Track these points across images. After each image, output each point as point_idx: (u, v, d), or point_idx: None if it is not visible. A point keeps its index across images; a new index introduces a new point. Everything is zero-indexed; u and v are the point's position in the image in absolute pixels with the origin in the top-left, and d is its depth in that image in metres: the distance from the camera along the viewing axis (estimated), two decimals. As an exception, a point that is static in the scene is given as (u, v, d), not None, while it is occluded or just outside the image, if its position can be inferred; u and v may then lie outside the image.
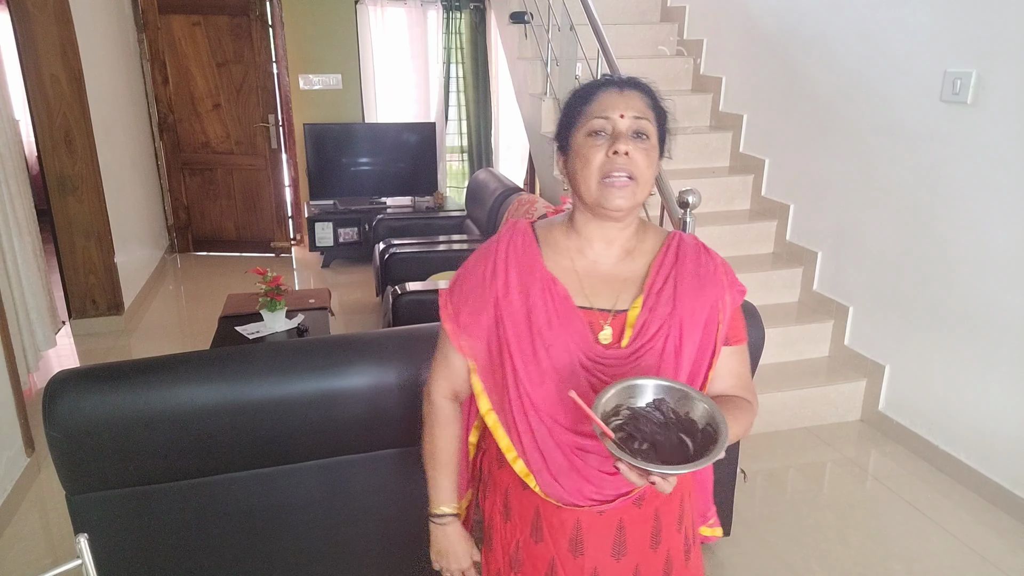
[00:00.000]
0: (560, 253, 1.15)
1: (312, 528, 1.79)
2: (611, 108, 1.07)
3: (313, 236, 5.34)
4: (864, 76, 3.04)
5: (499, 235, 1.18)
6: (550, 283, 1.11)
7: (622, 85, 1.10)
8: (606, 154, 1.05)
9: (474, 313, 1.13)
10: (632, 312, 1.12)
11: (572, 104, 1.12)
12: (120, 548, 1.66)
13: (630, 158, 1.05)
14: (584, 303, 1.12)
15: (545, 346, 1.08)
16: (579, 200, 1.12)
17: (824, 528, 2.45)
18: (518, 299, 1.10)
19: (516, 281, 1.11)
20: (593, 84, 1.12)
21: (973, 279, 2.63)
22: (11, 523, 2.45)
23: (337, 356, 1.68)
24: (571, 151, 1.11)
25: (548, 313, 1.09)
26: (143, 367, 1.59)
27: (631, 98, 1.08)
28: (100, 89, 4.08)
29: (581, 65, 3.65)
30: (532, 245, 1.14)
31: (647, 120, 1.08)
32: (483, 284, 1.13)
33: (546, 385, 1.09)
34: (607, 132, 1.06)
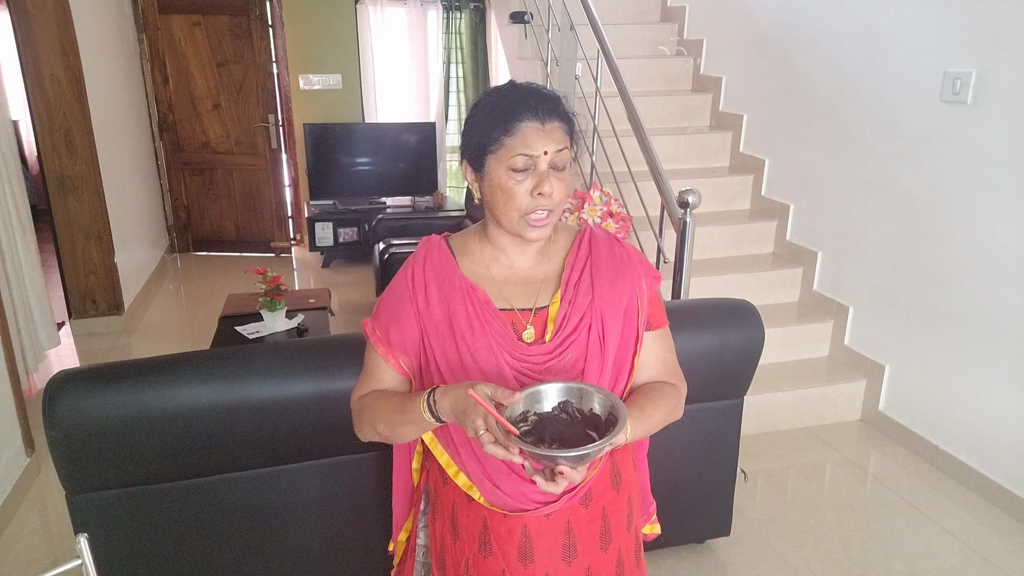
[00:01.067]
0: (476, 262, 1.17)
1: (312, 528, 1.79)
2: (534, 145, 1.05)
3: (313, 236, 5.34)
4: (864, 76, 3.04)
5: (415, 252, 1.19)
6: (469, 290, 1.13)
7: (543, 116, 1.06)
8: (530, 194, 1.07)
9: (401, 330, 1.14)
10: (552, 307, 1.15)
11: (488, 124, 1.08)
12: (120, 548, 1.66)
13: (551, 194, 1.07)
14: (504, 305, 1.14)
15: (470, 352, 1.10)
16: (495, 222, 1.14)
17: (825, 528, 2.45)
18: (439, 309, 1.12)
19: (436, 293, 1.13)
20: (511, 110, 1.07)
21: (973, 279, 2.63)
22: (11, 523, 2.45)
23: (337, 356, 1.68)
24: (487, 176, 1.10)
25: (470, 318, 1.11)
26: (143, 367, 1.59)
27: (553, 131, 1.07)
28: (100, 89, 4.08)
29: (581, 65, 3.65)
30: (448, 256, 1.17)
31: (567, 149, 1.08)
32: (404, 300, 1.15)
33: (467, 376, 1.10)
34: (528, 169, 1.06)
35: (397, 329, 1.15)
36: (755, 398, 2.89)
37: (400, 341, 1.15)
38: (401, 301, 1.15)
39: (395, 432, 1.11)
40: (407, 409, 1.07)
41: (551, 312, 1.15)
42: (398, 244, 4.22)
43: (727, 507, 2.22)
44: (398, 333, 1.15)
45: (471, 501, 1.15)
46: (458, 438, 1.13)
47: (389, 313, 1.16)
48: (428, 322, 1.13)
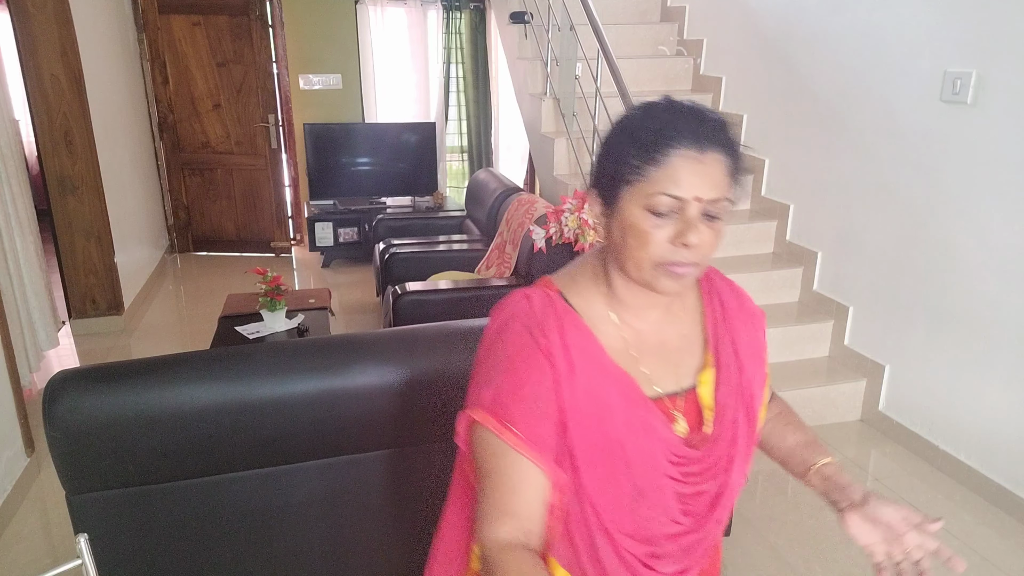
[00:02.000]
0: (608, 332, 0.93)
1: (312, 528, 1.79)
2: (687, 185, 0.82)
3: (313, 236, 5.34)
4: (864, 76, 3.04)
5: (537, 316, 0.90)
6: (623, 380, 0.90)
7: (702, 144, 0.82)
8: (670, 242, 0.84)
9: (553, 425, 0.87)
10: (703, 389, 0.95)
11: (628, 148, 0.85)
12: (120, 548, 1.66)
13: (699, 245, 0.84)
14: (652, 393, 0.92)
15: (625, 460, 0.89)
16: (620, 270, 0.91)
17: (825, 528, 2.45)
18: (588, 404, 0.88)
19: (584, 382, 0.88)
20: (663, 135, 0.83)
21: (973, 279, 2.63)
22: (11, 523, 2.45)
23: (337, 356, 1.68)
24: (617, 213, 0.87)
25: (627, 417, 0.89)
26: (143, 367, 1.59)
27: (712, 167, 0.83)
28: (100, 89, 4.08)
29: (581, 65, 3.65)
30: (587, 332, 0.91)
31: (725, 200, 0.85)
32: (543, 384, 0.87)
33: (620, 502, 0.90)
34: (674, 212, 0.84)
35: (547, 424, 0.87)
36: (755, 398, 2.89)
37: (546, 437, 0.86)
38: (541, 387, 0.87)
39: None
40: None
41: (702, 396, 0.95)
42: (398, 244, 4.22)
43: (727, 507, 2.22)
44: (547, 428, 0.87)
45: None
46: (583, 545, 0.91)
47: (528, 403, 0.86)
48: (573, 417, 0.87)
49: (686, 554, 0.95)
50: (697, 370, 0.96)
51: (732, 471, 0.96)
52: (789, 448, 1.11)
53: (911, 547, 0.92)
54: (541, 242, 2.86)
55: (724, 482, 0.96)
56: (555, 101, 3.90)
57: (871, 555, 0.94)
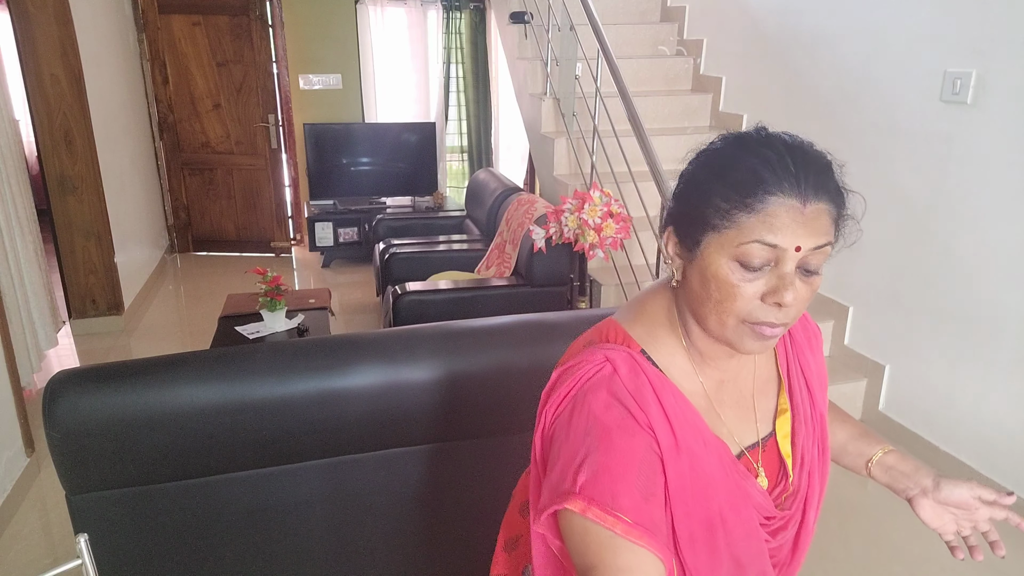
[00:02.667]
0: (693, 391, 0.84)
1: (313, 528, 1.79)
2: (787, 235, 0.72)
3: (313, 236, 5.34)
4: (864, 76, 3.04)
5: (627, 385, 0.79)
6: (722, 451, 0.82)
7: (806, 193, 0.72)
8: (761, 299, 0.75)
9: (659, 505, 0.77)
10: (781, 437, 0.88)
11: (717, 191, 0.75)
12: (120, 548, 1.66)
13: (792, 306, 0.75)
14: (736, 449, 0.85)
15: (727, 535, 0.81)
16: (697, 320, 0.82)
17: (825, 529, 2.45)
18: (691, 479, 0.79)
19: (687, 454, 0.79)
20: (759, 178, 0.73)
21: (974, 279, 2.63)
22: (11, 523, 2.45)
23: (337, 356, 1.68)
24: (699, 259, 0.77)
25: (729, 492, 0.81)
26: (143, 367, 1.59)
27: (817, 218, 0.74)
28: (100, 89, 4.08)
29: (581, 65, 3.65)
30: (684, 400, 0.81)
31: (829, 246, 0.76)
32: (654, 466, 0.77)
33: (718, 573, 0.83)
34: (768, 263, 0.74)
35: (657, 505, 0.76)
36: (755, 398, 2.89)
37: (660, 518, 0.76)
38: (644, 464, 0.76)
39: None
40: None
41: (781, 446, 0.87)
42: (398, 244, 4.22)
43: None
44: (658, 510, 0.76)
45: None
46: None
47: (635, 484, 0.75)
48: (676, 493, 0.78)
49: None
50: (773, 415, 0.88)
51: (809, 510, 0.89)
52: (841, 444, 1.03)
53: (981, 521, 0.90)
54: (541, 242, 2.86)
55: (802, 523, 0.90)
56: (555, 101, 3.90)
57: (942, 535, 0.93)
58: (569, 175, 3.87)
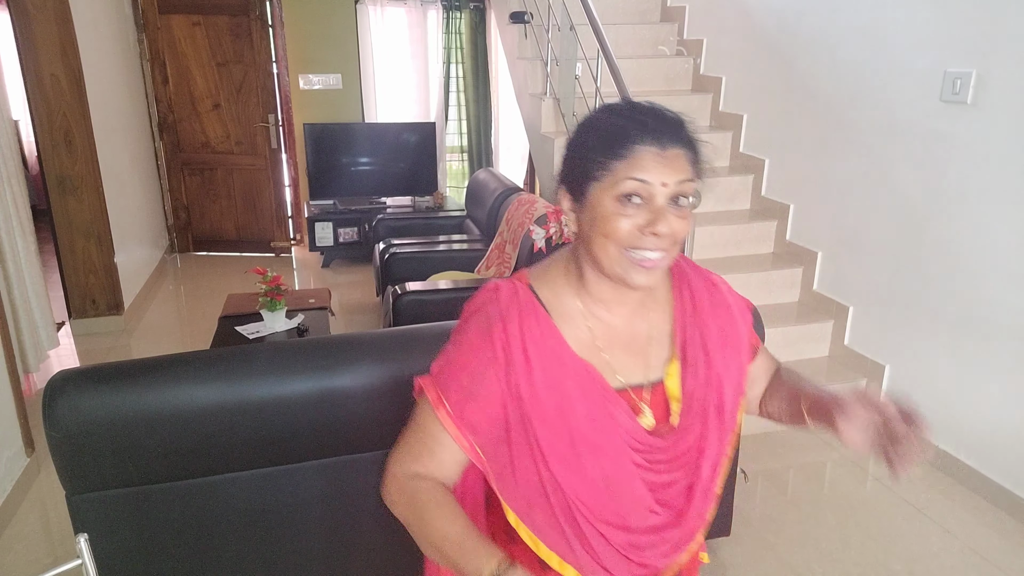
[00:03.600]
0: (575, 323, 0.96)
1: (312, 528, 1.79)
2: (651, 172, 0.87)
3: (313, 236, 5.34)
4: (864, 76, 3.04)
5: (502, 307, 0.94)
6: (584, 373, 0.93)
7: (664, 141, 0.88)
8: (639, 230, 0.88)
9: (480, 409, 0.93)
10: (670, 381, 0.98)
11: (593, 148, 0.90)
12: (120, 548, 1.66)
13: (668, 235, 0.88)
14: (617, 384, 0.95)
15: (589, 449, 0.92)
16: (593, 264, 0.94)
17: (825, 528, 2.45)
18: (547, 395, 0.91)
19: (542, 375, 0.91)
20: (625, 132, 0.88)
21: (973, 279, 2.63)
22: (11, 523, 2.45)
23: (337, 356, 1.68)
24: (587, 207, 0.91)
25: (590, 411, 0.92)
26: (143, 367, 1.59)
27: (675, 159, 0.88)
28: (100, 89, 4.08)
29: (581, 65, 3.65)
30: (549, 325, 0.94)
31: (692, 181, 0.90)
32: (488, 376, 0.92)
33: (594, 493, 0.93)
34: (641, 199, 0.88)
35: (475, 409, 0.93)
36: (755, 398, 2.89)
37: (477, 422, 0.93)
38: (482, 375, 0.92)
39: (429, 548, 0.94)
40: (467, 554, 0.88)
41: (670, 388, 0.97)
42: (398, 244, 4.22)
43: (727, 507, 2.22)
44: (476, 413, 0.93)
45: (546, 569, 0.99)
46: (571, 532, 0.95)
47: (464, 387, 0.93)
48: (533, 411, 0.91)
49: (664, 544, 0.98)
50: (665, 363, 0.99)
51: (703, 463, 0.98)
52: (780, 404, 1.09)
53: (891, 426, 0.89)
54: (541, 242, 2.86)
55: (696, 474, 0.98)
56: (555, 101, 3.90)
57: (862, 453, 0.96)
58: (569, 175, 3.86)
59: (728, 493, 2.20)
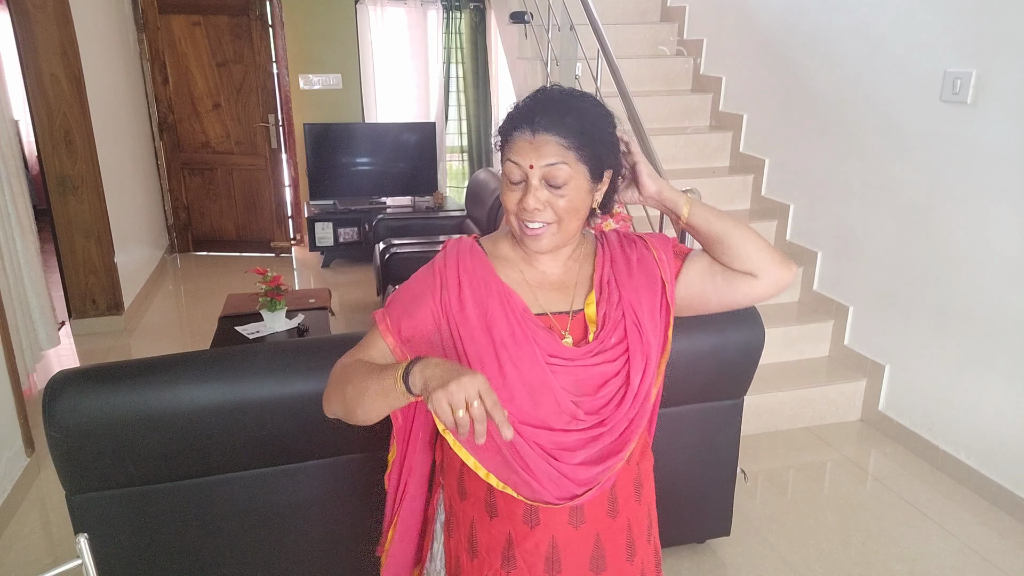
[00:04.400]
0: (510, 266, 1.14)
1: (313, 528, 1.79)
2: (522, 156, 1.03)
3: (313, 236, 5.34)
4: (864, 76, 3.04)
5: (443, 251, 1.15)
6: (507, 295, 1.09)
7: (535, 128, 1.03)
8: (519, 204, 1.05)
9: (414, 326, 1.09)
10: (588, 308, 1.13)
11: (499, 136, 1.09)
12: (120, 548, 1.66)
13: (545, 208, 1.04)
14: (539, 311, 1.11)
15: (512, 360, 1.05)
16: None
17: (825, 528, 2.45)
18: (474, 313, 1.07)
19: (470, 295, 1.08)
20: (512, 120, 1.06)
21: (973, 279, 2.63)
22: (11, 523, 2.45)
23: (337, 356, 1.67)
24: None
25: (510, 325, 1.06)
26: (143, 367, 1.59)
27: (543, 145, 1.02)
28: (100, 89, 4.08)
29: (581, 65, 3.65)
30: (482, 259, 1.12)
31: (564, 163, 1.03)
32: (426, 296, 1.10)
33: (516, 399, 1.06)
34: (520, 178, 1.05)
35: (411, 324, 1.09)
36: (755, 398, 2.89)
37: (410, 337, 1.10)
38: (422, 297, 1.10)
39: (359, 398, 1.00)
40: (384, 372, 0.97)
41: (588, 314, 1.12)
42: (398, 244, 4.22)
43: (727, 507, 2.22)
44: (411, 329, 1.09)
45: (494, 516, 1.13)
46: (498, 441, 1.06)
47: (404, 306, 1.11)
48: (462, 325, 1.07)
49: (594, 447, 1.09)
50: (585, 296, 1.15)
51: (632, 375, 1.09)
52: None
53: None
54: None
55: (624, 384, 1.10)
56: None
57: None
58: (569, 175, 3.86)
59: (728, 493, 2.20)
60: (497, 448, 1.07)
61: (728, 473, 2.17)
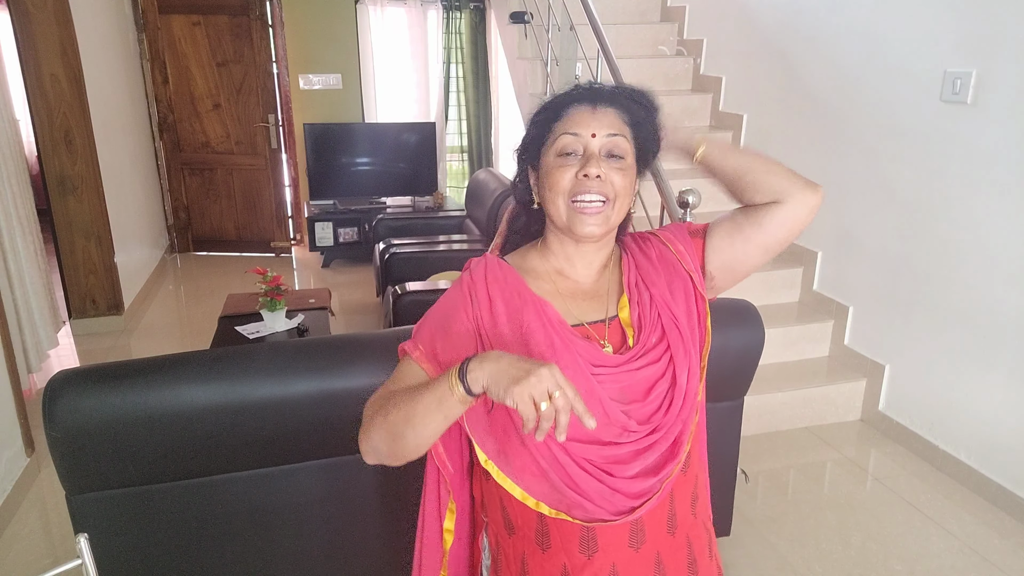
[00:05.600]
0: (541, 278, 1.09)
1: (312, 528, 1.79)
2: (582, 126, 1.01)
3: (313, 236, 5.34)
4: (864, 76, 3.04)
5: (467, 270, 1.08)
6: (541, 306, 1.03)
7: (595, 100, 1.02)
8: (576, 175, 1.00)
9: (453, 347, 1.01)
10: (623, 313, 1.08)
11: (540, 118, 1.06)
12: (120, 548, 1.66)
13: (603, 180, 1.00)
14: (575, 322, 1.06)
15: None
16: (551, 223, 1.07)
17: (825, 528, 2.45)
18: (509, 328, 1.01)
19: (503, 309, 1.02)
20: (563, 97, 1.05)
21: (973, 279, 2.63)
22: (11, 523, 2.45)
23: (337, 356, 1.68)
24: (541, 170, 1.06)
25: (549, 337, 1.00)
26: (143, 367, 1.59)
27: (605, 115, 1.02)
28: (100, 89, 4.08)
29: (581, 65, 3.65)
30: (511, 271, 1.07)
31: (623, 137, 1.02)
32: (458, 315, 1.03)
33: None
34: (578, 152, 1.01)
35: (448, 346, 1.01)
36: (755, 398, 2.89)
37: (449, 361, 1.00)
38: (453, 316, 1.03)
39: (409, 419, 0.91)
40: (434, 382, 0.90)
41: (623, 318, 1.08)
42: (398, 244, 4.22)
43: (727, 507, 2.22)
44: (450, 351, 1.01)
45: (546, 549, 1.04)
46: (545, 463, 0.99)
47: (435, 328, 1.03)
48: (495, 342, 1.00)
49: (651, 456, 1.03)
50: (618, 302, 1.11)
51: (676, 373, 1.05)
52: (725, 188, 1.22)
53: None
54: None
55: (671, 385, 1.06)
56: (555, 101, 3.90)
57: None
58: (569, 175, 3.86)
59: (728, 493, 2.20)
60: (544, 473, 1.00)
61: (728, 473, 2.17)
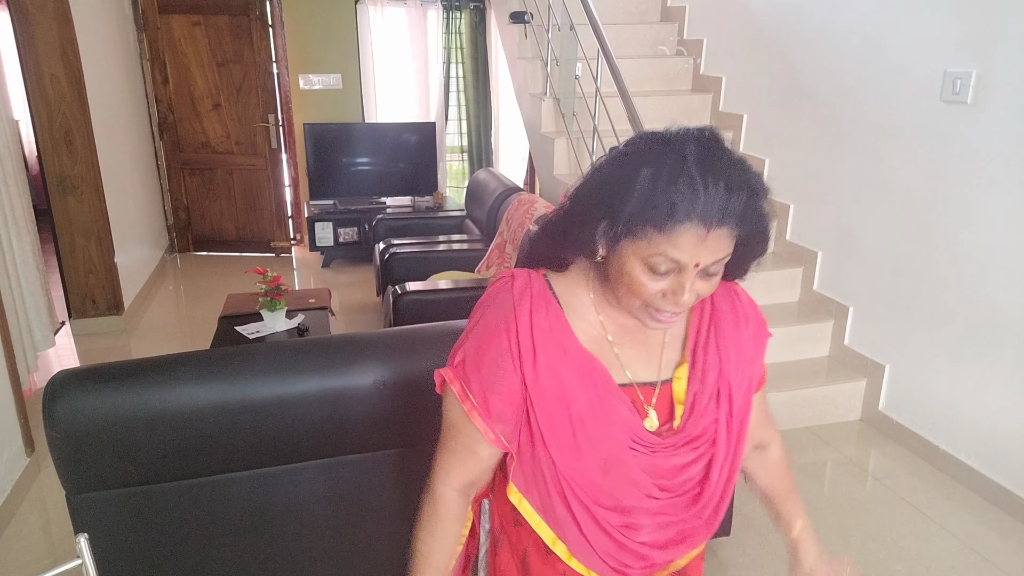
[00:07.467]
0: (586, 316, 0.97)
1: (313, 528, 1.79)
2: (689, 254, 0.84)
3: (313, 236, 5.34)
4: (864, 76, 3.04)
5: (515, 297, 0.96)
6: (588, 363, 0.94)
7: (711, 222, 0.82)
8: (662, 293, 0.88)
9: (503, 400, 0.95)
10: (677, 384, 0.99)
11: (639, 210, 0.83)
12: (120, 548, 1.66)
13: (688, 303, 0.88)
14: (623, 379, 0.97)
15: (588, 438, 0.94)
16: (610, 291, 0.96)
17: (825, 528, 2.45)
18: (549, 381, 0.93)
19: (545, 360, 0.93)
20: (674, 206, 0.81)
21: (973, 279, 2.63)
22: (11, 523, 2.45)
23: (337, 356, 1.68)
24: (616, 254, 0.89)
25: (590, 400, 0.94)
26: (143, 367, 1.59)
27: (717, 240, 0.84)
28: (100, 89, 4.08)
29: (581, 65, 3.65)
30: (558, 314, 0.95)
31: (726, 257, 0.88)
32: (506, 365, 0.94)
33: (589, 476, 0.96)
34: (671, 270, 0.86)
35: (499, 400, 0.95)
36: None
37: (501, 412, 0.96)
38: (501, 366, 0.94)
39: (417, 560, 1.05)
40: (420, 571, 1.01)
41: (676, 390, 0.98)
42: (398, 244, 4.22)
43: (727, 507, 2.22)
44: (500, 404, 0.95)
45: (549, 553, 1.02)
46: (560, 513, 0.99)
47: (487, 379, 0.95)
48: (534, 395, 0.94)
49: (663, 530, 1.00)
50: (675, 366, 1.00)
51: (712, 469, 0.99)
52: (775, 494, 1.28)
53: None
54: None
55: (706, 478, 1.00)
56: (555, 101, 3.90)
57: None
58: (569, 175, 3.87)
59: (728, 493, 2.20)
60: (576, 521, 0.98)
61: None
